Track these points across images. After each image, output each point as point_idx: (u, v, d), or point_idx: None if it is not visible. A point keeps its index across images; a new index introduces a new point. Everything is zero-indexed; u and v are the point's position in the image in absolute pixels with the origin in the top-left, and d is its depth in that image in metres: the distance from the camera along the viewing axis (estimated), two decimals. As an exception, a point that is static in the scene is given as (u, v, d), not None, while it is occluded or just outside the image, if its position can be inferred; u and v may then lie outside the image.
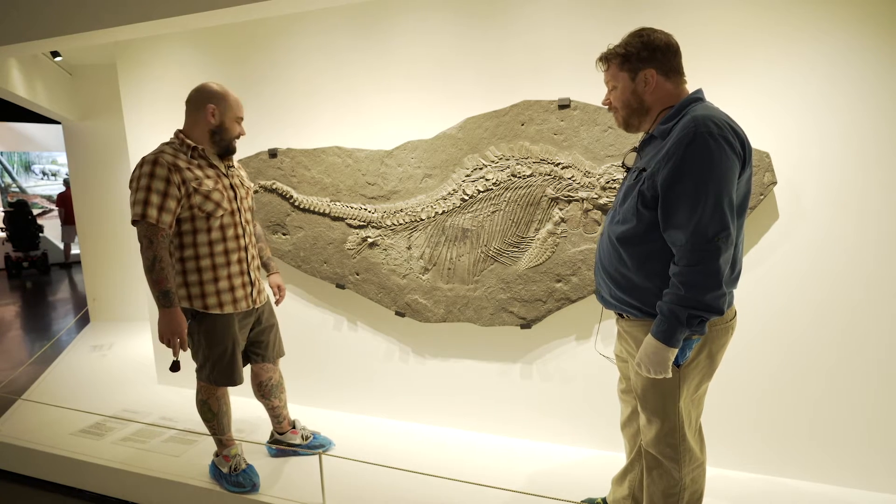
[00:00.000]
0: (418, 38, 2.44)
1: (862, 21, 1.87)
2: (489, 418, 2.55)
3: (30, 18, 2.59)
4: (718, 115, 1.30)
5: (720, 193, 1.24)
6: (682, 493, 1.49)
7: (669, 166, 1.29)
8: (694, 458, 1.49)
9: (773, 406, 2.11)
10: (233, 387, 2.07)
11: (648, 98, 1.42)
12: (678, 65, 1.42)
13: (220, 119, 1.92)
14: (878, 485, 2.01)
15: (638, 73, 1.41)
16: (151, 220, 1.76)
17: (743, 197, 1.34)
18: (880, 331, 1.96)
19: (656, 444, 1.49)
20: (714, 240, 1.24)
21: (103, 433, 2.62)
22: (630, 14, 2.11)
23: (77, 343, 4.40)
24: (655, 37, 1.40)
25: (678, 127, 1.32)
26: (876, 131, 1.90)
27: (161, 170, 1.79)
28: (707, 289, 1.27)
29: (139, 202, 1.77)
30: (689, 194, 1.26)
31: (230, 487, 2.09)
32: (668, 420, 1.46)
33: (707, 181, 1.24)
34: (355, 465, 2.08)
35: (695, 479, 1.51)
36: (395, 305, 2.55)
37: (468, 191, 2.35)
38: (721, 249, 1.25)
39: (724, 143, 1.25)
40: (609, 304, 1.56)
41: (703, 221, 1.25)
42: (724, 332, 1.44)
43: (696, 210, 1.25)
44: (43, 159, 11.04)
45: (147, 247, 1.77)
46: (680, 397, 1.43)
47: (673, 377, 1.41)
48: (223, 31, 2.81)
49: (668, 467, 1.49)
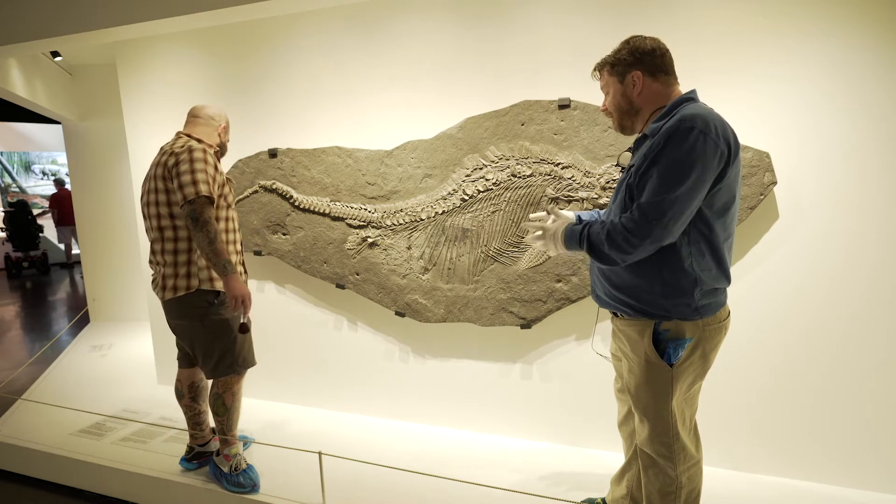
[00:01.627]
0: (418, 37, 2.44)
1: (862, 21, 1.87)
2: (489, 418, 2.55)
3: (30, 18, 2.59)
4: (708, 114, 1.32)
5: (681, 185, 1.29)
6: (678, 491, 1.49)
7: (654, 153, 1.34)
8: (689, 457, 1.50)
9: (773, 406, 2.11)
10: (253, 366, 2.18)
11: (637, 99, 1.48)
12: (665, 66, 1.47)
13: (227, 137, 2.23)
14: (877, 485, 2.01)
15: (626, 76, 1.48)
16: (213, 197, 1.94)
17: (728, 197, 1.37)
18: (880, 330, 1.96)
19: (650, 443, 1.50)
20: (651, 223, 1.31)
21: (103, 433, 2.62)
22: (630, 14, 2.12)
23: (77, 343, 4.40)
24: (641, 41, 1.46)
25: (668, 124, 1.35)
26: (875, 131, 1.90)
27: (211, 158, 2.01)
28: (615, 249, 1.37)
29: (202, 181, 1.91)
30: (654, 178, 1.32)
31: (230, 487, 2.09)
32: (661, 419, 1.46)
33: (674, 170, 1.29)
34: (355, 465, 2.08)
35: (691, 477, 1.51)
36: (395, 305, 2.55)
37: (468, 191, 2.35)
38: (652, 232, 1.31)
39: (704, 139, 1.28)
40: (603, 303, 1.58)
41: (653, 203, 1.31)
42: (718, 331, 1.45)
43: (653, 192, 1.32)
44: (43, 159, 11.04)
45: (207, 221, 1.91)
46: (672, 396, 1.44)
47: (665, 376, 1.43)
48: (223, 31, 2.81)
49: (663, 466, 1.49)
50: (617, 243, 1.36)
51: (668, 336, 1.42)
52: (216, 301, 2.04)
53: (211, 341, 2.04)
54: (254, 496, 2.06)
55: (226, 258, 1.92)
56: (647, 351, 1.44)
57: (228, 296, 1.94)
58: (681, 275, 1.38)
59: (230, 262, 1.93)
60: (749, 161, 1.98)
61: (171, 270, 2.00)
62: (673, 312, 1.40)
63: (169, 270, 2.00)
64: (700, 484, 1.54)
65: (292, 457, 2.20)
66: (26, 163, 10.88)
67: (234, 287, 1.93)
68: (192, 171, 1.90)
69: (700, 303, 1.39)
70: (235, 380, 2.11)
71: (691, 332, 1.41)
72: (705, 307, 1.40)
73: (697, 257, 1.38)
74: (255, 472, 2.13)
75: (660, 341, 1.43)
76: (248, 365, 2.14)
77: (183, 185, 1.90)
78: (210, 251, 1.90)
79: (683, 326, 1.41)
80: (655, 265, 1.39)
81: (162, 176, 1.97)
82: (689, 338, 1.41)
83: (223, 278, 1.93)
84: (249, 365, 2.14)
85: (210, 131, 2.14)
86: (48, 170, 11.08)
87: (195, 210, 1.89)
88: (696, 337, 1.41)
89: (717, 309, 1.44)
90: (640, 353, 1.46)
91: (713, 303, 1.42)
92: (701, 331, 1.41)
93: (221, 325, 2.04)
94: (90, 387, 3.36)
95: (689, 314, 1.39)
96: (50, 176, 11.00)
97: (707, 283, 1.39)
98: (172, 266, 2.00)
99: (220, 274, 1.93)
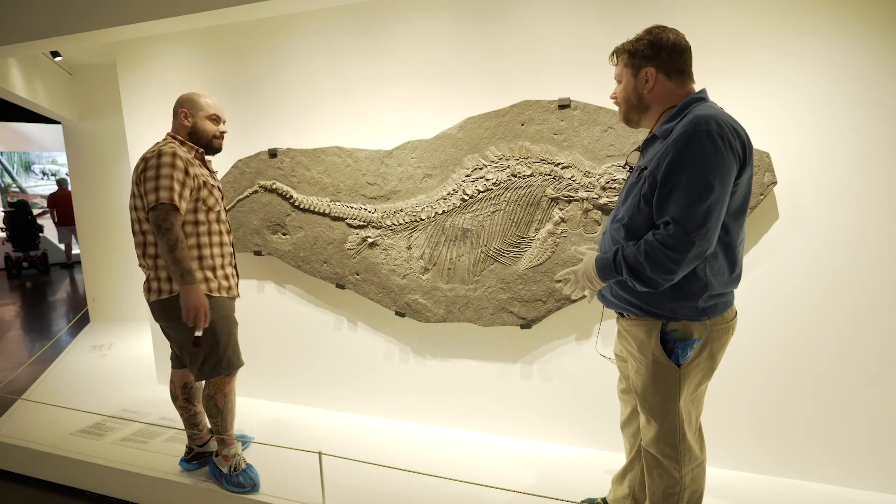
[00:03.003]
0: (418, 38, 2.44)
1: (862, 21, 1.87)
2: (489, 418, 2.55)
3: (30, 18, 2.59)
4: (720, 115, 1.31)
5: (711, 192, 1.26)
6: (682, 492, 1.49)
7: (668, 161, 1.31)
8: (694, 458, 1.49)
9: (773, 405, 2.11)
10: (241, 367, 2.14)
11: (648, 96, 1.44)
12: (683, 65, 1.42)
13: (193, 120, 2.08)
14: (877, 485, 2.01)
15: (640, 71, 1.44)
16: (176, 204, 1.89)
17: (743, 198, 1.36)
18: (880, 330, 1.96)
19: (656, 444, 1.50)
20: (691, 234, 1.27)
21: (103, 433, 2.62)
22: (630, 14, 2.11)
23: (77, 343, 4.40)
24: (664, 35, 1.41)
25: (679, 126, 1.33)
26: (876, 131, 1.90)
27: (180, 161, 1.94)
28: (659, 269, 1.31)
29: (165, 187, 1.87)
30: (682, 187, 1.28)
31: (230, 487, 2.09)
32: (668, 420, 1.46)
33: (701, 177, 1.26)
34: (355, 465, 2.08)
35: (695, 478, 1.51)
36: (395, 305, 2.55)
37: (468, 191, 2.35)
38: (695, 244, 1.27)
39: (722, 141, 1.26)
40: (610, 304, 1.56)
41: (688, 214, 1.27)
42: (726, 331, 1.45)
43: (685, 203, 1.28)
44: (43, 159, 11.04)
45: (169, 229, 1.87)
46: (680, 396, 1.44)
47: (673, 376, 1.42)
48: (223, 31, 2.81)
49: (668, 467, 1.49)
50: (659, 262, 1.30)
51: (676, 336, 1.41)
52: None
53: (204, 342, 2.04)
54: (254, 496, 2.06)
55: (185, 267, 1.88)
56: (655, 351, 1.43)
57: (182, 306, 1.89)
58: (693, 280, 1.36)
59: (189, 272, 1.89)
60: (749, 161, 1.98)
61: (154, 273, 2.01)
62: (680, 314, 1.39)
63: (152, 273, 2.01)
64: (703, 485, 1.54)
65: (292, 457, 2.19)
66: (26, 163, 10.88)
67: (188, 298, 1.89)
68: (156, 178, 1.88)
69: (706, 304, 1.39)
70: (226, 381, 2.10)
71: (699, 332, 1.41)
72: (712, 308, 1.40)
73: (711, 261, 1.36)
74: (254, 471, 2.13)
75: (667, 341, 1.42)
76: (234, 366, 2.11)
77: (147, 192, 1.89)
78: (169, 259, 1.88)
79: (691, 327, 1.40)
80: None
81: (136, 181, 1.97)
82: (698, 338, 1.40)
83: (180, 287, 1.89)
84: (235, 366, 2.11)
85: (177, 124, 2.08)
86: (48, 170, 11.08)
87: (157, 217, 1.87)
88: (703, 337, 1.41)
89: (725, 309, 1.44)
90: (648, 353, 1.45)
91: (720, 303, 1.42)
92: (709, 331, 1.41)
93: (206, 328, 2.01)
94: (90, 387, 3.36)
95: (696, 315, 1.39)
96: (50, 176, 11.00)
97: (716, 289, 1.39)
98: (154, 269, 2.01)
99: (177, 282, 1.90)
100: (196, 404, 2.27)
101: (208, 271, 2.03)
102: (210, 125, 2.10)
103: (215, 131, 2.12)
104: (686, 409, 1.47)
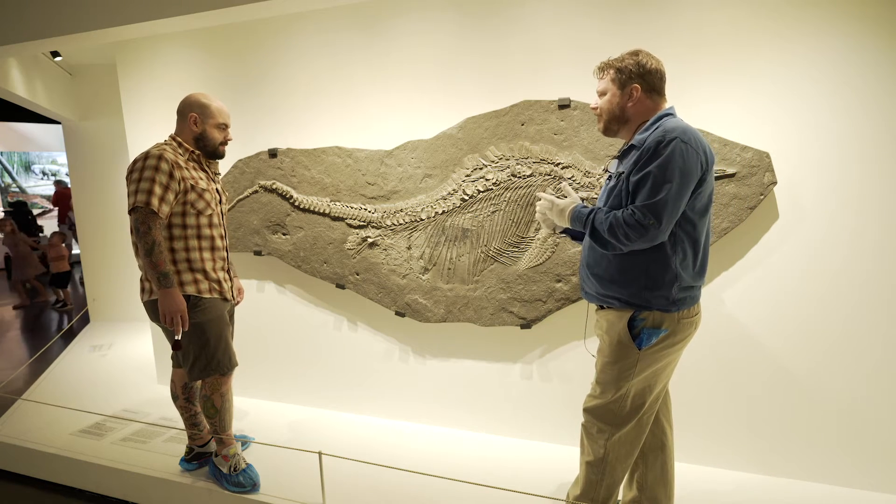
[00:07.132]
0: (418, 38, 2.44)
1: (862, 21, 1.87)
2: (489, 418, 2.55)
3: (30, 18, 2.59)
4: (688, 128, 1.51)
5: (670, 189, 1.45)
6: (604, 466, 1.68)
7: (643, 161, 1.50)
8: (624, 443, 1.66)
9: (772, 405, 2.11)
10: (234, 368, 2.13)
11: (630, 110, 1.61)
12: (660, 87, 1.62)
13: (202, 127, 2.07)
14: (877, 485, 2.01)
15: (626, 86, 1.60)
16: (154, 208, 1.87)
17: (707, 198, 1.55)
18: (880, 330, 1.96)
19: (597, 409, 1.69)
20: (648, 222, 1.46)
21: (103, 433, 2.62)
22: (630, 14, 2.12)
23: (77, 343, 4.40)
24: (648, 59, 1.59)
25: (652, 135, 1.51)
26: (876, 131, 1.90)
27: (166, 164, 1.91)
28: (614, 238, 1.52)
29: (143, 191, 1.86)
30: (648, 184, 1.48)
31: (230, 487, 2.09)
32: (619, 393, 1.64)
33: (669, 175, 1.45)
34: (355, 465, 2.08)
35: (619, 457, 1.67)
36: (395, 305, 2.55)
37: (468, 191, 2.35)
38: (648, 230, 1.47)
39: (689, 149, 1.47)
40: (593, 299, 1.72)
41: (649, 206, 1.46)
42: (689, 325, 1.60)
43: (647, 196, 1.48)
44: (43, 159, 11.04)
45: (146, 232, 1.87)
46: (633, 377, 1.61)
47: (632, 357, 1.60)
48: (223, 31, 2.81)
49: (596, 437, 1.69)
50: (616, 235, 1.51)
51: (646, 324, 1.57)
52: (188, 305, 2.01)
53: (186, 344, 2.04)
54: (254, 496, 2.06)
55: (162, 270, 1.87)
56: (621, 332, 1.60)
57: (160, 310, 1.89)
58: (665, 271, 1.53)
59: (167, 276, 1.88)
60: (749, 161, 1.98)
61: (145, 274, 2.01)
62: (653, 304, 1.55)
63: (143, 274, 2.02)
64: (622, 473, 1.70)
65: (292, 457, 2.20)
66: (26, 163, 10.88)
67: (165, 302, 1.88)
68: (137, 181, 1.88)
69: (678, 296, 1.55)
70: (221, 381, 2.10)
71: (668, 324, 1.56)
72: (681, 300, 1.56)
73: (681, 255, 1.54)
74: (254, 471, 2.13)
75: (635, 327, 1.58)
76: (225, 367, 2.09)
77: (128, 194, 1.90)
78: (146, 262, 1.88)
79: (662, 317, 1.56)
80: (644, 262, 1.55)
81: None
82: (665, 329, 1.56)
83: (158, 291, 1.89)
84: (227, 367, 2.09)
85: (183, 126, 2.07)
86: (48, 170, 11.08)
87: (136, 220, 1.87)
88: (671, 329, 1.57)
89: (692, 304, 1.60)
90: (615, 333, 1.62)
91: (688, 297, 1.58)
92: (676, 323, 1.57)
93: (195, 329, 2.01)
94: (90, 387, 3.36)
95: (667, 306, 1.55)
96: (50, 176, 11.00)
97: (685, 281, 1.55)
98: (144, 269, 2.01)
99: (155, 285, 1.89)
100: (196, 404, 2.27)
101: (198, 273, 2.02)
102: (218, 133, 2.09)
103: (222, 139, 2.11)
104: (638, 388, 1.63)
